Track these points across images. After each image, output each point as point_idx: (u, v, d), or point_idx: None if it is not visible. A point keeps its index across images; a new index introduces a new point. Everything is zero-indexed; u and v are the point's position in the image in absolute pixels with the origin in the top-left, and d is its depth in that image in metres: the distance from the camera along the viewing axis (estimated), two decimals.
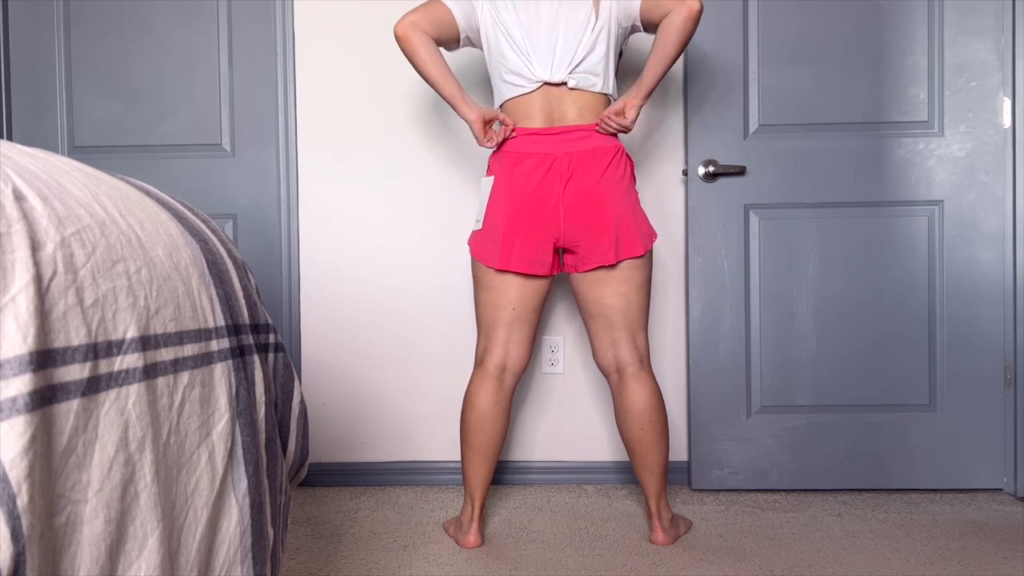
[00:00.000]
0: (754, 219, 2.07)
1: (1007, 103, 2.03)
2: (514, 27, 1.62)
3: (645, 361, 1.69)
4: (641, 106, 1.63)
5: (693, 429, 2.08)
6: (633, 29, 1.66)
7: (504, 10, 1.63)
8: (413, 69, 1.66)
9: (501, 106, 1.70)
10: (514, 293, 1.65)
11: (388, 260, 2.20)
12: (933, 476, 2.04)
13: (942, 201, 2.04)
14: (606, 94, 1.66)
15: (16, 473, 0.46)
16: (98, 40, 2.18)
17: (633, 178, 1.66)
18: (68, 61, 2.19)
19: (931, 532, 1.74)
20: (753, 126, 2.06)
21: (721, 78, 2.05)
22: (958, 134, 2.03)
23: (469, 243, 1.70)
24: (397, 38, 1.60)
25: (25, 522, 0.46)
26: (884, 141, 2.04)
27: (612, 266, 1.63)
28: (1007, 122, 2.03)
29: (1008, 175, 2.03)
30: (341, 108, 2.19)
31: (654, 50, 1.58)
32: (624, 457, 2.18)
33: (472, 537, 1.67)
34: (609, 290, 1.64)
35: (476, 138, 1.67)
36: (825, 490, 2.07)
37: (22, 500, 0.46)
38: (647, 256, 1.65)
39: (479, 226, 1.67)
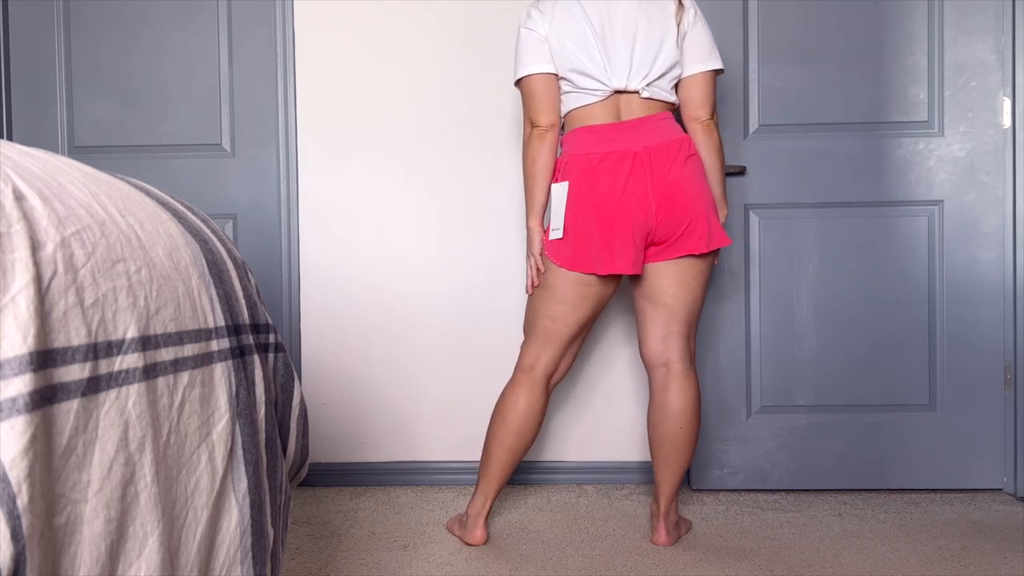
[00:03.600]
0: (754, 219, 2.07)
1: (1007, 103, 2.03)
2: (583, 35, 1.57)
3: (693, 361, 1.69)
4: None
5: None
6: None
7: (570, 18, 1.57)
8: (524, 176, 1.65)
9: (567, 115, 1.65)
10: (587, 311, 1.63)
11: (388, 260, 2.20)
12: (933, 476, 2.04)
13: (942, 201, 2.04)
14: (675, 103, 1.66)
15: (16, 473, 0.46)
16: (98, 40, 2.18)
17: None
18: (68, 61, 2.19)
19: (931, 532, 1.74)
20: (753, 126, 2.06)
21: (721, 78, 2.04)
22: (958, 134, 2.03)
23: (549, 254, 1.62)
24: (535, 136, 1.61)
25: (25, 522, 0.46)
26: (884, 141, 2.04)
27: (699, 256, 1.61)
28: (1007, 122, 2.03)
29: (1008, 175, 2.03)
30: (341, 108, 2.19)
31: (707, 172, 1.65)
32: (624, 457, 2.18)
33: (479, 532, 1.66)
34: (679, 281, 1.63)
35: (531, 242, 1.67)
36: (825, 490, 2.07)
37: (22, 500, 0.46)
38: (712, 256, 1.66)
39: (558, 235, 1.60)
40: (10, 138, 2.20)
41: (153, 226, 0.72)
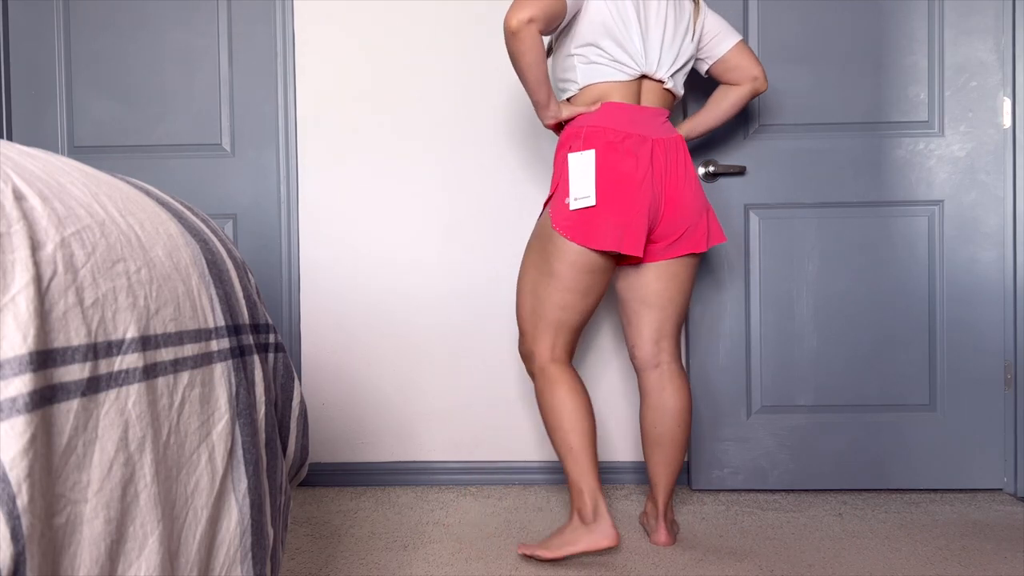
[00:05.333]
0: (754, 219, 2.07)
1: (1007, 103, 2.03)
2: (628, 10, 1.55)
3: (681, 359, 1.73)
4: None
5: (693, 429, 2.08)
6: (699, 61, 1.73)
7: None
8: (512, 65, 1.51)
9: (586, 87, 1.60)
10: (595, 299, 1.60)
11: (388, 260, 2.20)
12: (933, 476, 2.04)
13: (942, 201, 2.04)
14: (678, 101, 1.72)
15: (16, 473, 0.46)
16: (98, 40, 2.18)
17: None
18: (68, 61, 2.19)
19: (931, 532, 1.74)
20: (753, 126, 2.06)
21: None
22: (958, 134, 2.03)
23: (561, 230, 1.52)
24: (509, 32, 1.42)
25: (25, 522, 0.46)
26: (884, 141, 2.04)
27: (692, 256, 1.66)
28: (1007, 122, 2.03)
29: (1008, 175, 2.03)
30: (341, 108, 2.19)
31: (714, 109, 1.75)
32: (624, 457, 2.18)
33: (609, 527, 1.50)
34: (675, 283, 1.66)
35: (547, 109, 1.58)
36: (825, 490, 2.07)
37: (22, 500, 0.46)
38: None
39: (589, 202, 1.49)
40: (10, 138, 2.20)
41: (153, 226, 0.72)
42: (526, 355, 1.64)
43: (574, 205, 1.51)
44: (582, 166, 1.52)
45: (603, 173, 1.52)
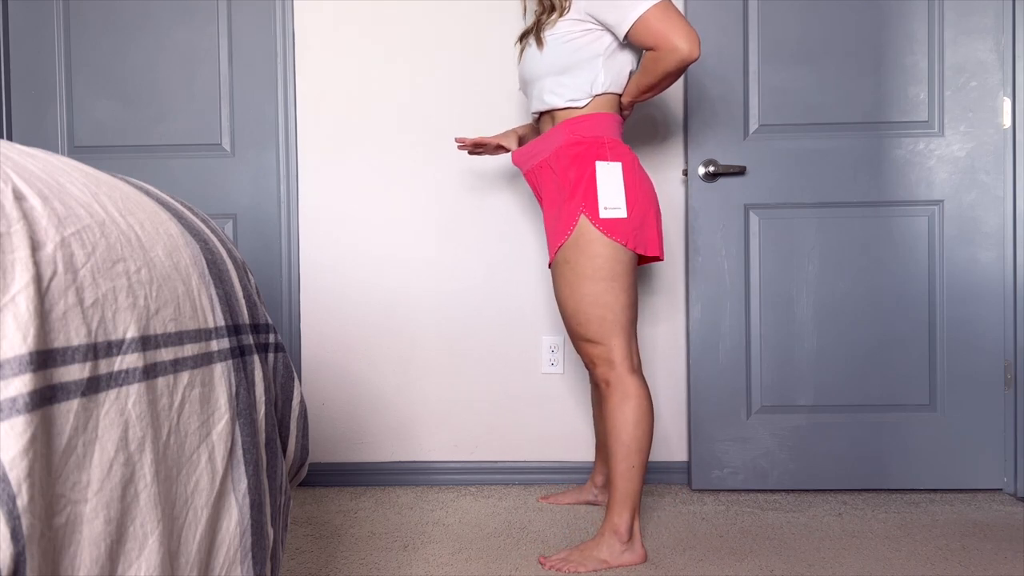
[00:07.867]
0: (754, 219, 2.07)
1: (1007, 103, 2.03)
2: None
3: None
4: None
5: (693, 429, 2.08)
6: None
7: None
8: (665, 81, 1.52)
9: (608, 94, 1.61)
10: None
11: (388, 260, 2.20)
12: (933, 476, 2.04)
13: (942, 201, 2.04)
14: None
15: (16, 473, 0.46)
16: (98, 40, 2.18)
17: None
18: (68, 61, 2.19)
19: (931, 532, 1.74)
20: (753, 126, 2.06)
21: (721, 78, 2.05)
22: (958, 134, 2.03)
23: (613, 236, 1.52)
24: (693, 58, 1.44)
25: (25, 522, 0.46)
26: (884, 141, 2.04)
27: None
28: (1007, 122, 2.03)
29: (1008, 175, 2.03)
30: (341, 108, 2.19)
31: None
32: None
33: (642, 548, 1.58)
34: None
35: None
36: (825, 490, 2.07)
37: (22, 500, 0.46)
38: None
39: (621, 214, 1.53)
40: (10, 138, 2.20)
41: (153, 226, 0.72)
42: (602, 363, 1.58)
43: (604, 214, 1.53)
44: (613, 177, 1.55)
45: (638, 184, 1.58)
